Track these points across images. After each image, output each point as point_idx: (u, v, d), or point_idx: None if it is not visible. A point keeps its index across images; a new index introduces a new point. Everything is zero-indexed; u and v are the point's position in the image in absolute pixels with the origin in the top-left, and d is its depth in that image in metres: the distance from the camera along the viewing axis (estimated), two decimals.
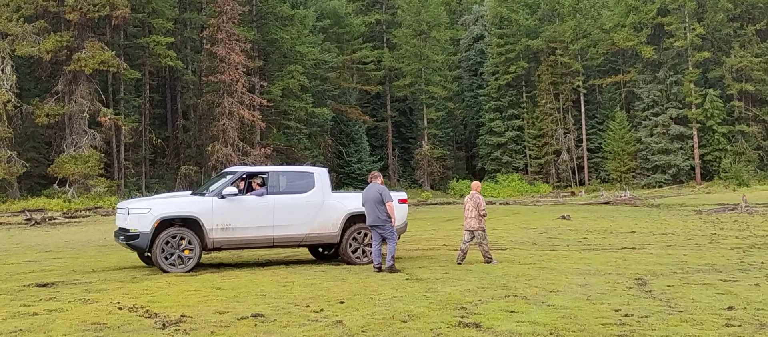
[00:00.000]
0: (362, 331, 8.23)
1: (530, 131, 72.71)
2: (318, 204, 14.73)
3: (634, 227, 25.90)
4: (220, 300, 10.44)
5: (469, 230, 14.98)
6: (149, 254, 14.00)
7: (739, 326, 8.45)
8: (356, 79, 70.07)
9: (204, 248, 14.00)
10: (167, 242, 13.58)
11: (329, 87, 65.83)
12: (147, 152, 55.75)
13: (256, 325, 8.61)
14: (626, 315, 9.08)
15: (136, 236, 13.59)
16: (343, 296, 10.67)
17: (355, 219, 14.95)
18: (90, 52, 47.12)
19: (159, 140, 55.26)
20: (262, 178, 14.98)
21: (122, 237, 13.94)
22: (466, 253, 15.05)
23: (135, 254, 15.27)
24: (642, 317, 8.94)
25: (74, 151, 47.67)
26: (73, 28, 48.21)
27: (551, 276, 12.96)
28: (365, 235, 14.94)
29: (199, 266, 14.90)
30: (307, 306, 9.84)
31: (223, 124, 50.67)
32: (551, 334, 8.02)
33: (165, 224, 13.68)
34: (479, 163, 75.97)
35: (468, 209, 15.12)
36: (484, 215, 15.03)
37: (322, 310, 9.54)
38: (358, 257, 14.88)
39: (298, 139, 60.26)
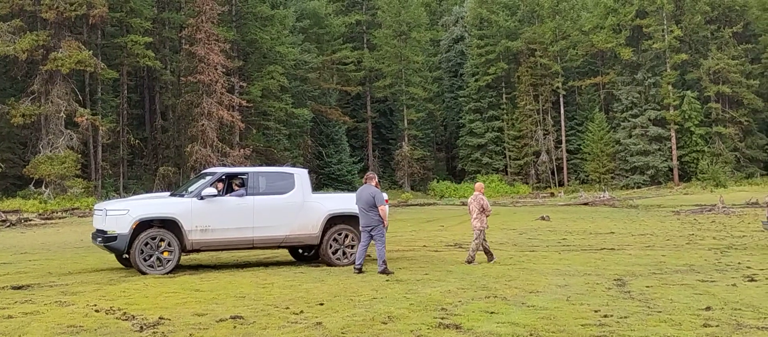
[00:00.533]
0: (342, 333, 8.18)
1: (510, 132, 73.03)
2: (298, 205, 14.62)
3: (613, 228, 26.07)
4: (198, 302, 10.35)
5: (478, 229, 15.18)
6: (127, 256, 13.86)
7: (717, 326, 8.51)
8: (336, 80, 69.98)
9: (183, 249, 13.85)
10: (146, 244, 13.43)
11: (309, 87, 65.68)
12: (125, 153, 55.28)
13: (235, 327, 8.53)
14: (605, 316, 9.11)
15: (114, 238, 13.43)
16: (323, 298, 10.62)
17: (335, 220, 14.85)
18: (67, 52, 46.62)
19: (137, 141, 54.81)
20: (242, 179, 14.85)
21: (100, 239, 13.77)
22: (488, 250, 15.34)
23: (112, 256, 15.11)
24: (621, 318, 8.98)
25: (50, 151, 47.13)
26: (50, 27, 47.70)
27: (531, 277, 13.00)
28: (346, 236, 14.86)
29: (178, 268, 14.77)
30: (287, 308, 9.78)
31: (202, 125, 50.35)
32: (531, 335, 8.02)
33: (143, 225, 13.51)
34: (459, 165, 76.19)
35: (472, 210, 15.30)
36: (488, 214, 15.29)
37: (301, 312, 9.48)
38: (338, 259, 14.78)
39: (277, 139, 60.04)
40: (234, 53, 57.13)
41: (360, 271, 13.54)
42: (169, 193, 21.56)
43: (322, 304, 10.11)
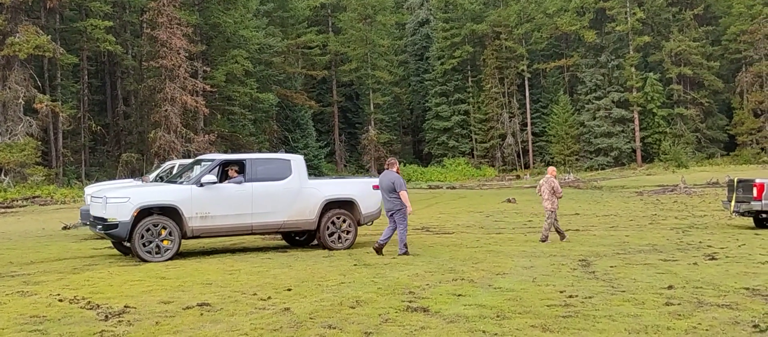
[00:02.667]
0: (310, 318, 8.17)
1: (476, 116, 73.38)
2: (295, 191, 14.77)
3: (578, 210, 26.40)
4: (164, 290, 10.24)
5: (549, 210, 15.96)
6: (128, 244, 13.78)
7: (679, 304, 8.67)
8: (301, 64, 69.60)
9: (183, 236, 13.85)
10: (148, 230, 13.36)
11: (274, 72, 65.19)
12: (86, 140, 54.40)
13: (201, 314, 8.46)
14: (571, 296, 9.22)
15: (116, 226, 13.31)
16: (291, 284, 10.58)
17: (331, 205, 15.08)
18: (24, 37, 45.59)
19: (99, 127, 53.93)
20: (239, 165, 14.89)
21: (100, 226, 13.64)
22: (560, 230, 16.10)
23: (76, 245, 14.91)
24: (586, 298, 9.09)
25: (9, 139, 46.16)
26: (6, 11, 46.56)
27: (497, 259, 13.11)
28: (343, 220, 15.11)
29: None
30: (254, 294, 9.72)
31: (166, 111, 49.71)
32: (498, 316, 8.09)
33: (144, 213, 13.45)
34: (426, 148, 76.42)
35: (543, 192, 16.11)
36: (559, 196, 16.13)
37: (269, 298, 9.44)
38: (333, 242, 15.01)
39: (242, 125, 59.56)
40: (197, 37, 56.39)
41: (379, 252, 13.82)
42: (132, 179, 21.32)
43: (289, 289, 10.08)
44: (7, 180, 44.60)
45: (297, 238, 16.23)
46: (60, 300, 9.56)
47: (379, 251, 13.82)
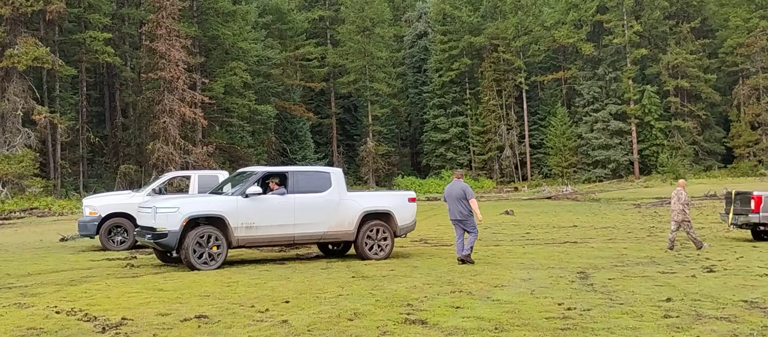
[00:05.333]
0: (308, 330, 8.16)
1: (474, 128, 73.43)
2: (335, 203, 15.14)
3: (576, 222, 26.39)
4: (162, 302, 10.22)
5: (676, 222, 16.48)
6: (176, 254, 14.10)
7: (677, 317, 8.67)
8: (300, 76, 69.67)
9: (229, 246, 14.22)
10: (200, 240, 13.78)
11: (272, 84, 65.26)
12: (84, 151, 54.35)
13: (199, 326, 8.45)
14: (569, 309, 9.22)
15: (165, 235, 13.73)
16: (289, 296, 10.57)
17: (369, 217, 15.43)
18: (23, 48, 45.63)
19: (97, 139, 53.89)
20: (281, 178, 15.26)
21: (149, 236, 14.05)
22: (674, 241, 16.60)
23: (73, 257, 14.87)
24: (584, 311, 9.09)
25: (7, 150, 46.11)
26: (5, 23, 46.62)
27: (496, 271, 13.10)
28: (377, 231, 15.39)
29: (141, 268, 14.62)
30: (252, 306, 9.71)
31: (164, 122, 49.70)
32: (496, 329, 8.08)
33: (192, 222, 13.86)
34: (424, 160, 76.45)
35: (674, 203, 16.66)
36: (688, 207, 16.73)
37: (267, 310, 9.42)
38: (374, 253, 15.29)
39: (241, 136, 59.56)
40: (195, 49, 56.47)
41: (463, 262, 14.20)
42: (130, 191, 21.30)
43: (287, 301, 10.06)
44: (5, 191, 44.53)
45: (332, 248, 16.63)
46: (57, 312, 9.53)
47: (464, 261, 14.20)
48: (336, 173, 15.63)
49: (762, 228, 18.26)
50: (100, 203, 19.01)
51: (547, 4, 75.98)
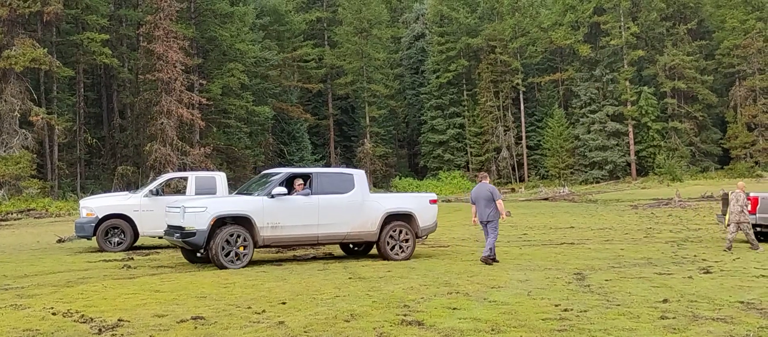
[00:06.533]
0: (305, 331, 8.16)
1: (471, 129, 73.46)
2: (358, 204, 15.42)
3: (573, 223, 26.41)
4: (158, 303, 10.21)
5: (735, 223, 16.78)
6: (202, 253, 14.46)
7: (674, 318, 8.68)
8: (297, 77, 69.63)
9: (255, 245, 14.53)
10: (229, 238, 14.09)
11: (270, 85, 65.22)
12: (82, 152, 54.27)
13: (196, 328, 8.44)
14: (566, 310, 9.23)
15: (194, 234, 14.05)
16: (285, 297, 10.57)
17: (391, 218, 15.67)
18: (20, 49, 45.56)
19: (94, 140, 53.81)
20: (305, 179, 15.52)
21: (178, 235, 14.35)
22: (732, 242, 16.83)
23: (70, 258, 14.87)
24: (581, 312, 9.10)
25: (5, 151, 46.03)
26: (2, 25, 46.51)
27: (492, 272, 13.11)
28: (400, 232, 15.60)
29: (137, 269, 14.61)
30: (249, 307, 9.71)
31: (162, 123, 49.65)
32: (493, 330, 8.08)
33: (219, 222, 14.17)
34: (421, 161, 76.43)
35: (733, 204, 16.94)
36: (745, 209, 16.99)
37: (263, 311, 9.42)
38: (396, 254, 15.48)
39: (238, 138, 59.53)
40: (193, 51, 56.41)
41: (486, 262, 14.51)
42: (127, 192, 21.30)
43: (284, 303, 10.06)
44: (2, 193, 44.47)
45: (353, 248, 16.82)
46: (53, 313, 9.52)
47: (487, 261, 14.42)
48: (359, 175, 15.97)
49: (759, 229, 18.30)
50: (97, 205, 18.98)
51: (544, 5, 76.09)
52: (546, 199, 46.70)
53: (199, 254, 14.71)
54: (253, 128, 61.92)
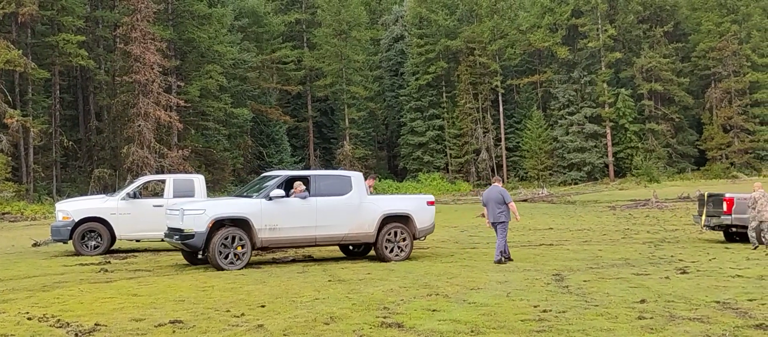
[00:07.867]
0: (284, 334, 8.12)
1: (450, 131, 73.65)
2: (356, 206, 15.53)
3: (552, 224, 26.56)
4: (136, 307, 10.12)
5: (762, 221, 17.17)
6: (202, 255, 14.52)
7: (651, 318, 8.74)
8: (276, 79, 69.42)
9: (253, 247, 14.65)
10: (225, 241, 14.19)
11: (248, 87, 64.96)
12: (58, 155, 53.67)
13: (174, 332, 8.37)
14: (544, 311, 9.26)
15: (192, 236, 14.19)
16: (265, 300, 10.52)
17: (389, 220, 15.80)
18: None
19: (71, 143, 53.22)
20: (303, 181, 15.54)
21: (177, 237, 14.53)
22: (761, 239, 17.25)
23: (46, 262, 14.70)
24: (560, 312, 9.14)
25: None
26: None
27: (472, 274, 13.14)
28: (397, 233, 15.73)
29: (115, 272, 14.47)
30: (228, 311, 9.65)
31: (139, 126, 49.24)
32: (472, 331, 8.10)
33: (217, 224, 14.30)
34: (401, 163, 76.47)
35: (761, 204, 17.22)
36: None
37: (242, 314, 9.37)
38: (396, 255, 15.62)
39: (217, 140, 59.21)
40: (171, 52, 56.01)
41: (506, 260, 14.91)
42: (103, 195, 21.09)
43: (263, 306, 10.01)
44: None
45: (353, 249, 16.92)
46: (29, 318, 9.41)
47: (501, 263, 14.60)
48: (356, 177, 16.12)
49: (734, 230, 18.50)
50: (73, 208, 18.78)
51: (522, 7, 76.47)
52: (525, 200, 46.91)
53: (199, 256, 14.73)
54: (231, 130, 61.63)
